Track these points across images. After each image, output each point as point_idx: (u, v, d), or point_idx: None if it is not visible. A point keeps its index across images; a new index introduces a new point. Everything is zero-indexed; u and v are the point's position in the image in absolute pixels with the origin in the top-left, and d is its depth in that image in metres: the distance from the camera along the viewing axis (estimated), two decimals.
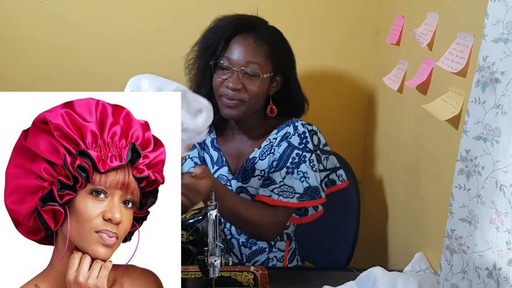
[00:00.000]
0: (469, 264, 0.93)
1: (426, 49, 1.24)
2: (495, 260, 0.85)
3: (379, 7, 1.70)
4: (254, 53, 1.23)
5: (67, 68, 1.73)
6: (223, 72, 1.24)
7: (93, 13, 1.68)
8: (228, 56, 1.23)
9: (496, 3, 0.80)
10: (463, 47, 1.02)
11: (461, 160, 0.92)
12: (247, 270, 1.18)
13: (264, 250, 1.36)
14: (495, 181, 0.84)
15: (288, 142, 1.28)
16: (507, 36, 0.79)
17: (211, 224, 0.94)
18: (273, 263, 1.37)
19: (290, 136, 1.29)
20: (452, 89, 1.07)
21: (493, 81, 0.82)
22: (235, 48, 1.23)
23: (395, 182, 1.54)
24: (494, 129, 0.83)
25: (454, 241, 0.97)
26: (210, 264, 0.95)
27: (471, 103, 0.88)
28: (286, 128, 1.31)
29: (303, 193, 1.24)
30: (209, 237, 0.95)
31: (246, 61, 1.22)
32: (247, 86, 1.23)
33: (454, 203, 0.96)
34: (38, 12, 1.67)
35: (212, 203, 0.95)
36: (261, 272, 1.17)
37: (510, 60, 0.79)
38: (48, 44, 1.70)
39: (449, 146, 1.11)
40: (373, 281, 1.07)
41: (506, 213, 0.82)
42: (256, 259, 1.36)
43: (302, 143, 1.27)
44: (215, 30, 1.28)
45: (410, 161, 1.39)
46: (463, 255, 0.95)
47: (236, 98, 1.23)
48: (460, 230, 0.95)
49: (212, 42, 1.26)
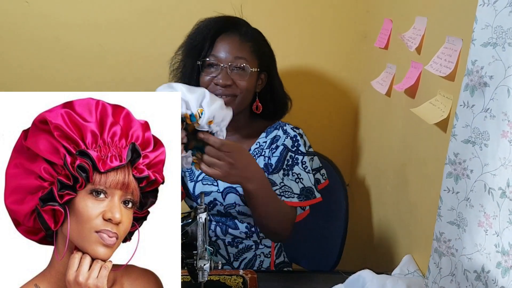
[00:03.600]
0: (458, 267, 0.93)
1: (415, 53, 1.24)
2: (484, 263, 0.86)
3: (367, 11, 1.71)
4: (240, 49, 1.26)
5: (54, 68, 1.71)
6: (211, 71, 1.25)
7: (80, 13, 1.66)
8: (215, 54, 1.25)
9: (485, 8, 0.80)
10: (452, 51, 1.03)
11: (450, 163, 0.93)
12: (236, 273, 1.18)
13: (251, 248, 1.37)
14: (483, 184, 0.85)
15: (284, 145, 1.31)
16: (495, 41, 0.79)
17: (201, 228, 0.94)
18: (260, 259, 1.38)
19: (281, 139, 1.32)
20: (440, 93, 1.08)
21: (481, 85, 0.83)
22: (221, 46, 1.26)
23: (383, 185, 1.54)
24: (483, 133, 0.84)
25: (443, 244, 0.97)
26: (199, 268, 0.94)
27: (459, 106, 0.89)
28: (275, 132, 1.34)
29: (300, 193, 1.27)
30: (198, 240, 0.94)
31: (234, 57, 1.25)
32: (236, 82, 1.25)
33: (442, 206, 0.96)
34: (24, 13, 1.65)
35: (202, 206, 0.94)
36: (250, 275, 1.17)
37: (498, 65, 0.79)
38: (34, 44, 1.68)
39: (437, 150, 1.12)
40: (361, 284, 1.07)
41: (494, 216, 0.83)
42: (243, 256, 1.36)
43: (294, 146, 1.31)
44: (199, 31, 1.29)
45: (399, 164, 1.40)
46: (451, 258, 0.95)
47: (227, 94, 1.24)
48: (448, 233, 0.95)
49: (198, 42, 1.28)
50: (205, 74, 1.26)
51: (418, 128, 1.24)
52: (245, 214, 1.31)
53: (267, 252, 1.39)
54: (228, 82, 1.23)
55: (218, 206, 1.31)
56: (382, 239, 1.54)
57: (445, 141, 1.02)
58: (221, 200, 1.31)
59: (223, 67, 1.24)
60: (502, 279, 0.81)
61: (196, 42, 1.28)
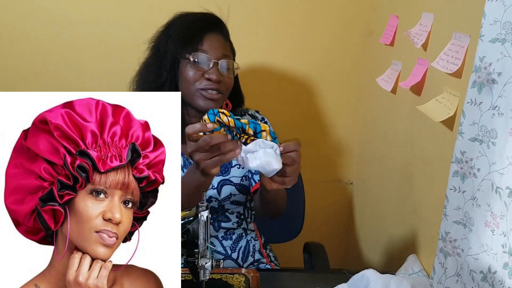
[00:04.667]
0: (464, 267, 0.92)
1: (421, 49, 1.23)
2: (490, 263, 0.84)
3: (373, 7, 1.69)
4: (225, 48, 1.27)
5: (57, 65, 1.70)
6: (201, 66, 1.23)
7: (84, 10, 1.65)
8: (205, 49, 1.24)
9: (493, 3, 0.79)
10: (459, 47, 1.01)
11: (456, 161, 0.91)
12: (239, 272, 1.16)
13: (242, 236, 1.39)
14: (491, 183, 0.83)
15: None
16: (504, 37, 0.78)
17: (202, 226, 0.93)
18: (252, 244, 1.41)
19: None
20: (447, 90, 1.06)
21: (489, 82, 0.81)
22: (210, 42, 1.25)
23: (388, 184, 1.53)
24: (490, 131, 0.82)
25: (448, 243, 0.96)
26: (201, 267, 0.93)
27: (467, 104, 0.87)
28: (244, 118, 1.34)
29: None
30: (200, 238, 0.93)
31: (222, 54, 1.25)
32: (225, 79, 1.25)
33: (448, 205, 0.95)
34: (28, 9, 1.64)
35: (203, 203, 0.93)
36: (253, 274, 1.16)
37: (507, 61, 0.78)
38: (38, 41, 1.67)
39: (443, 148, 1.10)
40: (365, 284, 1.06)
41: (502, 216, 0.81)
42: (239, 246, 1.38)
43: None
44: (188, 25, 1.26)
45: (404, 163, 1.38)
46: (457, 258, 0.94)
47: (217, 90, 1.23)
48: (454, 232, 0.94)
49: (188, 36, 1.25)
50: (194, 69, 1.22)
51: (424, 126, 1.22)
52: (238, 202, 1.34)
53: (254, 235, 1.43)
54: (221, 78, 1.23)
55: (213, 202, 1.32)
56: (386, 238, 1.53)
57: (452, 139, 1.00)
58: (216, 195, 1.31)
59: (214, 62, 1.23)
60: (509, 280, 0.80)
61: (186, 36, 1.25)
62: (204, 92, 1.22)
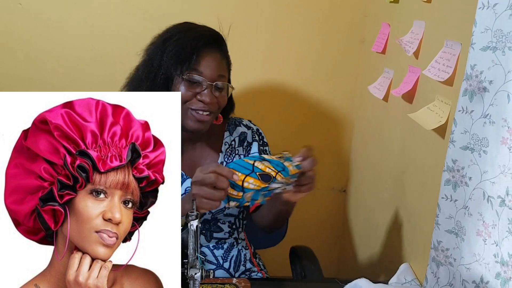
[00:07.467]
0: (456, 277, 0.91)
1: (412, 57, 1.23)
2: (482, 273, 0.84)
3: (365, 15, 1.69)
4: (221, 67, 1.23)
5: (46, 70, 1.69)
6: (194, 86, 1.20)
7: (74, 15, 1.64)
8: (200, 70, 1.20)
9: (484, 11, 0.78)
10: (450, 55, 1.01)
11: (448, 170, 0.91)
12: (230, 282, 1.15)
13: (234, 245, 1.38)
14: (482, 192, 0.83)
15: (255, 140, 1.36)
16: (495, 45, 0.77)
17: (192, 235, 0.91)
18: (243, 253, 1.40)
19: (249, 135, 1.36)
20: (439, 98, 1.06)
21: (481, 90, 0.81)
22: (206, 62, 1.20)
23: (380, 192, 1.52)
24: (482, 139, 0.82)
25: (441, 253, 0.95)
26: (190, 277, 0.91)
27: (458, 112, 0.87)
28: (238, 128, 1.36)
29: None
30: (189, 248, 0.91)
31: (218, 75, 1.21)
32: (218, 100, 1.22)
33: (440, 214, 0.94)
34: (17, 14, 1.63)
35: (193, 213, 0.92)
36: (244, 284, 1.14)
37: (498, 69, 0.77)
38: (28, 46, 1.66)
39: (435, 156, 1.10)
40: None
41: (493, 225, 0.80)
42: (230, 255, 1.37)
43: (260, 139, 1.37)
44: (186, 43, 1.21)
45: (396, 171, 1.38)
46: (449, 268, 0.93)
47: (208, 111, 1.21)
48: (446, 241, 0.93)
49: (185, 56, 1.20)
50: (188, 89, 1.19)
51: (416, 133, 1.21)
52: (231, 214, 1.33)
53: (245, 244, 1.42)
54: (214, 100, 1.20)
55: (206, 215, 1.30)
56: (379, 247, 1.52)
57: (443, 147, 0.99)
58: None
59: (208, 84, 1.19)
60: None
61: (182, 54, 1.20)
62: (195, 113, 1.20)
